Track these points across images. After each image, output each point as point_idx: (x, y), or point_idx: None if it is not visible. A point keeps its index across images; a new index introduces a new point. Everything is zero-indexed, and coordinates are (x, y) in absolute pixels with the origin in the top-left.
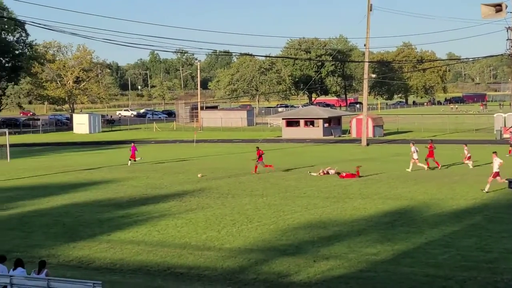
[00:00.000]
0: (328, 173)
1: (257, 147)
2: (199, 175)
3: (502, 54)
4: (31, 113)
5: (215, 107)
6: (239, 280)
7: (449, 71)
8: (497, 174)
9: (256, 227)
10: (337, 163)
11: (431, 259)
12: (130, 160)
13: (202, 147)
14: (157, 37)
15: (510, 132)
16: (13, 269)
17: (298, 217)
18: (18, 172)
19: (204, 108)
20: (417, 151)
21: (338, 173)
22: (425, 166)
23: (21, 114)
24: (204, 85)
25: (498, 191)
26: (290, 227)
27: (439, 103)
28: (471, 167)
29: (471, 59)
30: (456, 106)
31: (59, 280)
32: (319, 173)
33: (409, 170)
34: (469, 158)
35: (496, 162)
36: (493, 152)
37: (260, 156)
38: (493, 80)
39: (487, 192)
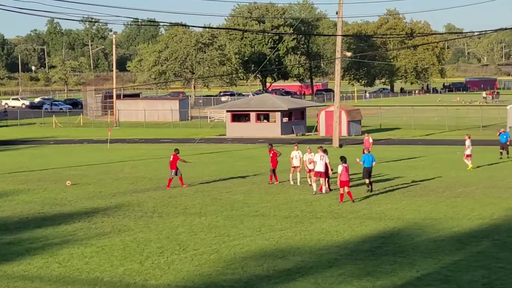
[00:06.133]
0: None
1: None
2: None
3: None
4: None
5: (136, 96)
6: None
7: (448, 48)
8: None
9: (192, 257)
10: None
11: None
12: None
13: (119, 149)
14: (58, 1)
15: None
16: None
17: (248, 244)
18: None
19: (122, 96)
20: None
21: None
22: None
23: None
24: (122, 65)
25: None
26: (238, 257)
27: (435, 90)
28: (469, 165)
29: (477, 33)
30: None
31: None
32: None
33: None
34: (469, 156)
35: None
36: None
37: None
38: (505, 61)
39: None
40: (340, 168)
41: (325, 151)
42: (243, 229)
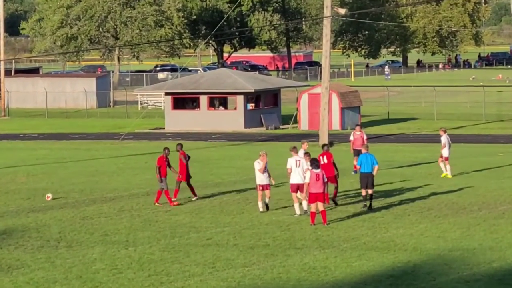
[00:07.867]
0: None
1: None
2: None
3: None
4: None
5: (34, 71)
6: None
7: (485, 3)
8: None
9: None
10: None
11: None
12: None
13: (9, 149)
14: None
15: None
16: None
17: (197, 286)
18: None
19: (13, 72)
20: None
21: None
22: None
23: None
24: (13, 27)
25: None
26: None
27: (467, 64)
28: (448, 174)
29: None
30: None
31: None
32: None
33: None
34: (445, 158)
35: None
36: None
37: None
38: None
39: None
40: (308, 176)
41: (308, 155)
42: (190, 265)
